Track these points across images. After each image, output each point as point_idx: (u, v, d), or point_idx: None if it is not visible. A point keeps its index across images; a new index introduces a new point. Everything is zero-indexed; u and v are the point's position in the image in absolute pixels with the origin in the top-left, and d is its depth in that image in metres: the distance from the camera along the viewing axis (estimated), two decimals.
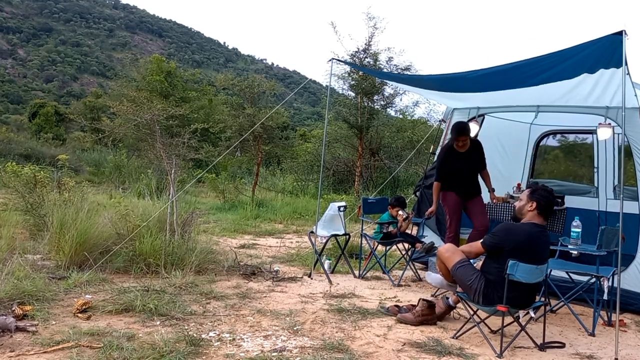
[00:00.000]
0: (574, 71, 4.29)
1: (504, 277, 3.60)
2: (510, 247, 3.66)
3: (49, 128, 32.70)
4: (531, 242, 3.68)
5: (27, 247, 5.57)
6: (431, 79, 5.67)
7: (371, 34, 14.47)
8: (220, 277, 5.41)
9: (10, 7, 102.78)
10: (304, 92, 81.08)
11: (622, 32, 3.52)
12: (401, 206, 6.04)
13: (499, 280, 3.66)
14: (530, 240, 3.69)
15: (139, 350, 3.26)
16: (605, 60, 3.90)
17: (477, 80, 4.97)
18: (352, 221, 8.88)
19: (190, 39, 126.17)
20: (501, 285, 3.63)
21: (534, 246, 3.68)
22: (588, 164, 6.83)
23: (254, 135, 13.02)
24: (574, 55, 3.93)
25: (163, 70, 21.64)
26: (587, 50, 3.81)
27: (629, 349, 3.91)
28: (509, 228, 3.86)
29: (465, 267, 3.87)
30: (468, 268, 3.87)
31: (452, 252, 3.99)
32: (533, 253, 3.65)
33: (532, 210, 3.79)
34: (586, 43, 3.72)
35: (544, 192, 3.82)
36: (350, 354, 3.45)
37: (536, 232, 3.74)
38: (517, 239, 3.68)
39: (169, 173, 6.10)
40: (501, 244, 3.72)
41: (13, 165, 7.00)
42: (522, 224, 3.84)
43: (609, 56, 3.78)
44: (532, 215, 3.80)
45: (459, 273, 3.87)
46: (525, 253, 3.62)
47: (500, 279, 3.65)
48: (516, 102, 5.94)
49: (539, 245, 3.73)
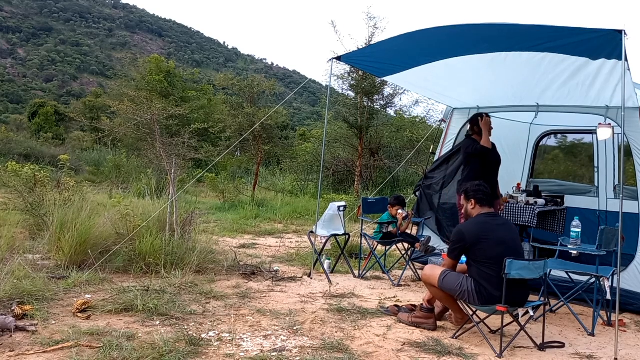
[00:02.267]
0: (577, 49, 4.33)
1: (488, 275, 3.69)
2: (470, 241, 3.81)
3: (48, 128, 32.67)
4: (482, 230, 3.83)
5: (27, 247, 5.57)
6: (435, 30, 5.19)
7: (371, 34, 14.48)
8: (220, 276, 5.41)
9: (10, 6, 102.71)
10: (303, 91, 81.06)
11: (622, 31, 3.55)
12: (401, 205, 6.03)
13: (484, 280, 3.72)
14: (481, 228, 3.85)
15: (139, 350, 3.26)
16: (608, 51, 4.02)
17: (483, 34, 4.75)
18: (352, 221, 8.88)
19: (190, 38, 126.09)
20: (488, 284, 3.69)
21: (488, 231, 3.82)
22: (588, 164, 6.83)
23: (253, 135, 13.03)
24: (579, 33, 4.02)
25: (162, 70, 21.64)
26: (591, 35, 3.92)
27: (628, 348, 3.91)
28: (458, 229, 4.02)
29: (449, 275, 3.93)
30: (452, 275, 3.93)
31: (432, 268, 4.12)
32: (492, 238, 3.78)
33: (474, 208, 4.03)
34: (590, 29, 3.83)
35: (475, 187, 4.06)
36: (350, 353, 3.45)
37: (484, 220, 3.93)
38: (468, 233, 3.85)
39: (169, 173, 6.10)
40: (461, 244, 3.87)
41: (13, 164, 6.99)
42: (470, 219, 4.03)
43: (611, 48, 3.88)
44: (477, 210, 4.01)
45: (446, 283, 3.92)
46: (484, 241, 3.77)
47: (485, 278, 3.72)
48: (517, 95, 5.92)
49: (494, 228, 3.85)
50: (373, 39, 14.47)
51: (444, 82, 6.00)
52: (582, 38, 4.04)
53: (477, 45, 4.94)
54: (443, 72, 5.56)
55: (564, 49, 4.44)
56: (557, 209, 6.23)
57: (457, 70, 5.43)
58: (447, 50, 5.13)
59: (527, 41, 4.56)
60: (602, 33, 3.76)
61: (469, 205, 4.07)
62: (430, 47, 5.19)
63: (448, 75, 5.69)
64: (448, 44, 5.00)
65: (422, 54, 5.35)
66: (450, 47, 5.06)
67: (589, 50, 4.23)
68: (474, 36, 4.80)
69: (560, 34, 4.17)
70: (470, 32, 4.71)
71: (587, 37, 3.98)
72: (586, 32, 3.90)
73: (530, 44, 4.57)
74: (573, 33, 4.04)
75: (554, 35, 4.26)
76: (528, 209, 5.93)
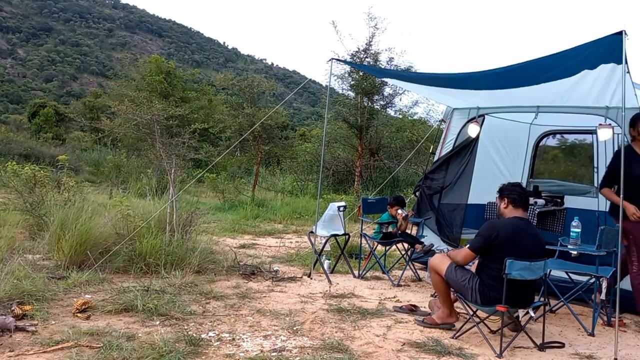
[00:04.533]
0: (575, 69, 4.35)
1: (498, 277, 3.64)
2: (498, 240, 3.72)
3: (48, 128, 32.68)
4: (515, 233, 3.75)
5: (27, 247, 5.57)
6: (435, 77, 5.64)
7: (372, 34, 14.49)
8: (220, 277, 5.41)
9: (10, 6, 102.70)
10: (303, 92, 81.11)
11: (622, 32, 3.54)
12: (400, 205, 6.03)
13: (493, 280, 3.70)
14: (514, 231, 3.76)
15: (139, 350, 3.26)
16: (606, 57, 3.98)
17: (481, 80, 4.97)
18: (352, 221, 8.88)
19: (189, 38, 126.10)
20: (496, 285, 3.66)
21: (519, 237, 3.74)
22: (588, 164, 6.82)
23: (253, 135, 13.03)
24: (576, 55, 4.00)
25: (162, 70, 21.63)
26: (589, 50, 3.88)
27: (628, 349, 3.91)
28: (493, 223, 3.95)
29: (458, 269, 3.94)
30: (460, 270, 3.93)
31: (442, 259, 4.10)
32: (521, 245, 3.71)
33: (507, 207, 3.93)
34: (587, 43, 3.79)
35: (510, 186, 3.99)
36: (350, 353, 3.45)
37: (519, 224, 3.82)
38: (502, 231, 3.77)
39: (169, 173, 6.10)
40: (488, 241, 3.78)
41: (13, 164, 6.99)
42: (505, 218, 3.95)
43: (609, 53, 3.85)
44: (510, 211, 3.92)
45: (452, 276, 3.93)
46: (513, 245, 3.68)
47: (494, 278, 3.69)
48: (516, 102, 5.94)
49: (525, 236, 3.77)
50: (373, 39, 14.50)
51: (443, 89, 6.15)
52: (581, 56, 4.00)
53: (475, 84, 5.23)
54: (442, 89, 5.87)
55: (563, 74, 4.46)
56: (556, 209, 6.23)
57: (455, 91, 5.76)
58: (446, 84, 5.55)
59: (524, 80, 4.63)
60: (601, 42, 3.69)
61: (501, 204, 3.97)
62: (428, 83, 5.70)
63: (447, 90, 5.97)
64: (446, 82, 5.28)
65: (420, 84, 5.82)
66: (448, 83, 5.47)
67: (588, 64, 4.20)
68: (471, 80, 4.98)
69: (559, 61, 4.15)
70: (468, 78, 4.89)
71: (586, 52, 3.92)
72: (584, 48, 3.84)
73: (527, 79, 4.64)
74: (571, 55, 4.00)
75: (552, 65, 4.25)
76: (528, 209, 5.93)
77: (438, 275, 4.05)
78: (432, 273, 4.11)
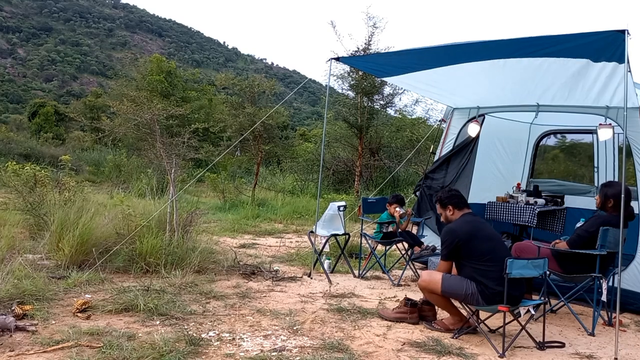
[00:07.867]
0: (577, 52, 4.35)
1: (486, 270, 3.73)
2: (462, 241, 3.86)
3: (48, 127, 32.68)
4: (473, 226, 3.95)
5: (27, 247, 5.57)
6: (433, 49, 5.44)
7: (371, 34, 14.48)
8: (220, 276, 5.41)
9: (10, 6, 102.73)
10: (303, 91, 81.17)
11: (625, 31, 3.54)
12: (399, 203, 6.02)
13: (482, 276, 3.75)
14: (472, 225, 3.96)
15: (139, 349, 3.26)
16: (609, 54, 4.02)
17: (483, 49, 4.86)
18: (352, 221, 8.88)
19: (190, 38, 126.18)
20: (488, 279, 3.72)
21: (477, 228, 3.95)
22: (588, 164, 6.83)
23: (253, 134, 13.02)
24: (579, 38, 4.03)
25: (163, 70, 21.64)
26: (592, 37, 3.92)
27: (628, 348, 3.91)
28: (450, 228, 4.05)
29: (452, 279, 3.92)
30: (455, 279, 3.92)
31: (430, 274, 4.09)
32: (483, 231, 3.94)
33: (453, 213, 4.12)
34: (590, 32, 3.83)
35: (447, 194, 4.20)
36: (350, 353, 3.45)
37: (471, 218, 4.05)
38: (461, 231, 3.91)
39: (169, 173, 6.10)
40: (453, 245, 3.89)
41: (13, 164, 6.99)
42: (457, 219, 4.10)
43: (612, 50, 3.87)
44: (457, 213, 4.11)
45: (450, 288, 3.90)
46: (476, 236, 3.86)
47: (481, 274, 3.75)
48: (517, 98, 5.92)
49: (480, 225, 4.03)
50: (372, 39, 14.48)
51: (443, 85, 6.03)
52: (583, 42, 4.04)
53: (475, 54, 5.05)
54: (442, 77, 5.61)
55: (564, 53, 4.45)
56: (557, 208, 6.24)
57: (456, 75, 5.50)
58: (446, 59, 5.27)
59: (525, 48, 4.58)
60: (603, 35, 3.73)
61: (447, 212, 4.14)
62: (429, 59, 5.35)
63: (447, 79, 5.74)
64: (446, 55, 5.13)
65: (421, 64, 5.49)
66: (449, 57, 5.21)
67: (589, 52, 4.22)
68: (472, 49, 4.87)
69: (560, 40, 4.16)
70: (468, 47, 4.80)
71: (588, 40, 3.96)
72: (587, 35, 3.87)
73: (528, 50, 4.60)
74: (573, 38, 4.03)
75: (554, 41, 4.26)
76: (528, 208, 5.93)
77: (434, 294, 3.99)
78: (427, 293, 4.06)
